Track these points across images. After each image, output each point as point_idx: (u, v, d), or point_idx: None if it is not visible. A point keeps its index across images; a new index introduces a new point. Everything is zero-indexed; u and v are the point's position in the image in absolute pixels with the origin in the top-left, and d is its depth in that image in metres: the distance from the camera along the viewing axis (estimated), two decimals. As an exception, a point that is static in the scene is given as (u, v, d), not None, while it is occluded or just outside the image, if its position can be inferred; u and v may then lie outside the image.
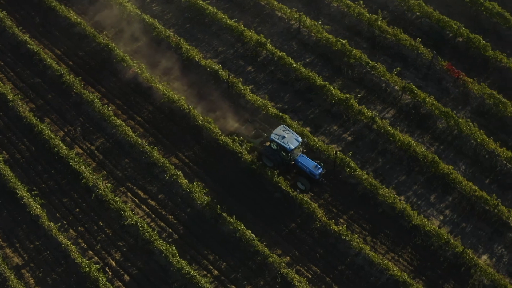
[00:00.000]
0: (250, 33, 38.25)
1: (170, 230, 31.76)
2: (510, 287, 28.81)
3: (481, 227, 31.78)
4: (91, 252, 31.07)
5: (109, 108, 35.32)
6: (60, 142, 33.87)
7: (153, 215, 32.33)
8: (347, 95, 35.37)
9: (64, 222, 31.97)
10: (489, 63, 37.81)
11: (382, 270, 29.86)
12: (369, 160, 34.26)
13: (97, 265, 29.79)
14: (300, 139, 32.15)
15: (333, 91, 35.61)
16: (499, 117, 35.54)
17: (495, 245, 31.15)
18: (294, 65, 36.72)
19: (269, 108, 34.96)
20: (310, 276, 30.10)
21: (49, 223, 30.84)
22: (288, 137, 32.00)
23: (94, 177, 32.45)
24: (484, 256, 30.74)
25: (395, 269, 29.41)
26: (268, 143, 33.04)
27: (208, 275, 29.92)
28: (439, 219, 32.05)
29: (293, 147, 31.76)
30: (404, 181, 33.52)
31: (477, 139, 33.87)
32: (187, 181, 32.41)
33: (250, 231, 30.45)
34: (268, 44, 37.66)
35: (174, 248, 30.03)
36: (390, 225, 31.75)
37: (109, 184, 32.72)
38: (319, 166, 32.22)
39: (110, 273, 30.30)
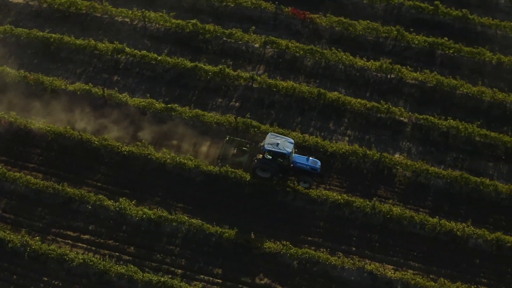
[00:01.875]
0: (104, 45, 37.98)
1: (117, 254, 31.24)
2: (432, 169, 32.59)
3: (382, 132, 35.25)
4: (49, 309, 29.83)
5: (-1, 166, 33.51)
6: (-36, 219, 31.64)
7: (93, 248, 31.43)
8: (221, 67, 36.79)
9: (6, 294, 30.22)
10: (323, -4, 41.41)
11: (322, 202, 32.12)
12: (263, 116, 36.14)
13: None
14: (292, 141, 31.91)
15: (206, 68, 36.82)
16: (353, 38, 39.17)
17: (400, 143, 34.80)
18: (160, 58, 37.25)
19: (156, 105, 35.35)
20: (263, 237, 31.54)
21: (-4, 300, 29.08)
22: (281, 142, 31.64)
23: (19, 237, 30.85)
24: (396, 155, 34.23)
25: (334, 194, 31.85)
26: (260, 156, 32.37)
27: (175, 277, 30.14)
28: (346, 140, 34.97)
29: (290, 150, 31.48)
30: (301, 121, 35.89)
31: (345, 61, 37.17)
32: (112, 201, 32.03)
33: (195, 219, 31.17)
34: (127, 48, 37.72)
35: (132, 266, 29.79)
36: (309, 162, 34.09)
37: (37, 237, 31.27)
38: (316, 160, 32.45)
39: (77, 320, 29.40)
